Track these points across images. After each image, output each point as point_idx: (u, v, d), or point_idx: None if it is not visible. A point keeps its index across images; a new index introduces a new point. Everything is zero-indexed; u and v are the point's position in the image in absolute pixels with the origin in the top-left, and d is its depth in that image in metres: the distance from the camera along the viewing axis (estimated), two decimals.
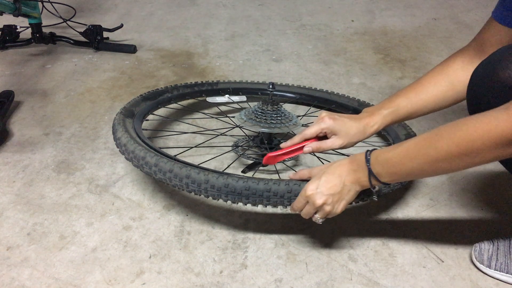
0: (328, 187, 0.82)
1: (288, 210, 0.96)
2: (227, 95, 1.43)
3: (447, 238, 1.01)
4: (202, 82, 1.47)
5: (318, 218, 0.86)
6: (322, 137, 0.94)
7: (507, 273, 0.88)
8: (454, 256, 0.97)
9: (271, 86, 1.21)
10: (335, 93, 1.49)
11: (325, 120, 0.91)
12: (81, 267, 0.95)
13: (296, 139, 0.94)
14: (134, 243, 1.01)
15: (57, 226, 1.05)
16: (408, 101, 0.94)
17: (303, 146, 0.94)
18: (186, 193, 1.15)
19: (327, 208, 0.83)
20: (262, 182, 0.87)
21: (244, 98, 1.44)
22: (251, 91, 1.51)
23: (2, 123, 1.34)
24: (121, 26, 1.92)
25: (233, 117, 1.31)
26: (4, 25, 1.89)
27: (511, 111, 0.64)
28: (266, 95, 1.48)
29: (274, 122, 1.17)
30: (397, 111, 0.94)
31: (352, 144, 0.94)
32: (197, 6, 2.34)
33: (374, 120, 0.94)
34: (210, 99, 1.42)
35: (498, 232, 1.03)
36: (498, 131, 0.64)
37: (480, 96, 0.85)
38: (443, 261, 0.96)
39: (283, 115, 1.20)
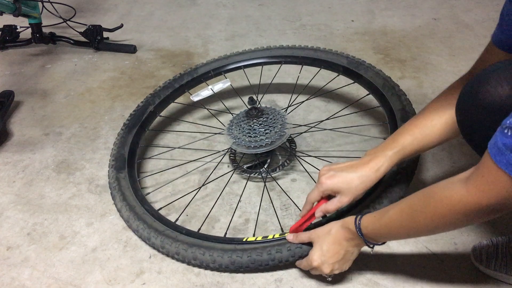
0: (332, 256, 0.84)
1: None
2: (210, 86, 1.38)
3: (447, 238, 1.01)
4: (180, 74, 1.42)
5: (327, 277, 0.88)
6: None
7: (506, 273, 0.88)
8: (454, 256, 0.97)
9: (251, 101, 1.17)
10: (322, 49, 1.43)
11: (323, 183, 0.87)
12: (81, 267, 0.95)
13: (307, 207, 0.93)
14: (134, 243, 1.01)
15: (57, 226, 1.05)
16: (413, 138, 0.87)
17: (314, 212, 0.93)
18: (185, 193, 1.16)
19: (335, 271, 0.86)
20: (265, 252, 0.89)
21: (228, 82, 1.40)
22: (231, 70, 1.46)
23: (2, 123, 1.34)
24: (121, 26, 1.92)
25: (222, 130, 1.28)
26: (4, 25, 1.89)
27: (469, 185, 0.63)
28: (249, 67, 1.45)
29: (263, 136, 1.14)
30: (402, 150, 0.87)
31: (359, 196, 0.88)
32: (197, 6, 2.34)
33: (379, 163, 0.86)
34: (194, 97, 1.37)
35: (498, 231, 1.02)
36: (461, 205, 0.64)
37: (467, 114, 0.86)
38: (443, 261, 0.96)
39: (270, 123, 1.17)
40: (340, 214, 0.93)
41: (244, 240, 0.93)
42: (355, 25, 2.09)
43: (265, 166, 1.19)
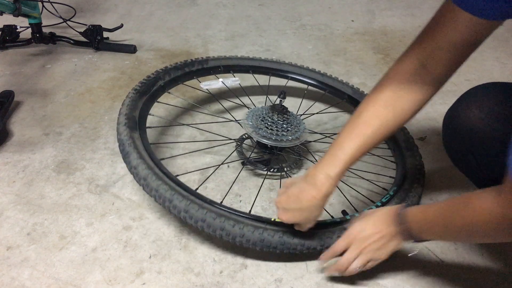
0: (374, 230, 0.83)
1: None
2: (221, 80, 1.40)
3: None
4: (191, 60, 1.43)
5: (357, 265, 0.85)
6: None
7: None
8: (454, 256, 0.97)
9: (282, 95, 1.18)
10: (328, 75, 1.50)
11: (281, 218, 0.85)
12: (81, 267, 0.95)
13: None
14: (134, 243, 1.01)
15: (57, 226, 1.05)
16: (354, 150, 0.80)
17: None
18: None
19: (369, 254, 0.84)
20: (296, 236, 0.90)
21: (237, 81, 1.43)
22: (242, 68, 1.49)
23: (2, 123, 1.34)
24: (121, 26, 1.92)
25: (240, 120, 1.29)
26: (4, 25, 1.89)
27: (500, 198, 0.62)
28: (257, 73, 1.49)
29: (284, 133, 1.15)
30: (344, 165, 0.80)
31: (318, 217, 0.86)
32: (197, 6, 2.34)
33: (322, 187, 0.81)
34: (203, 85, 1.38)
35: None
36: (491, 216, 0.64)
37: (448, 140, 0.91)
38: (443, 261, 0.96)
39: (292, 122, 1.18)
40: None
41: (272, 220, 0.92)
42: (355, 25, 2.09)
43: (282, 164, 1.21)
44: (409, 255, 0.86)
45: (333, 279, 0.92)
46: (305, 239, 0.90)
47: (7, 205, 1.11)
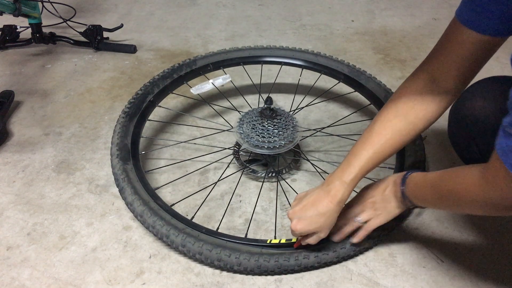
0: (378, 192, 0.90)
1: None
2: (210, 81, 1.36)
3: (447, 238, 1.01)
4: (179, 64, 1.40)
5: (361, 219, 0.90)
6: None
7: None
8: (454, 256, 0.97)
9: (268, 102, 1.16)
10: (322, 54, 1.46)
11: (295, 230, 0.85)
12: (81, 267, 0.95)
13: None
14: (134, 243, 1.01)
15: (57, 226, 1.05)
16: (368, 158, 0.84)
17: None
18: (186, 194, 1.16)
19: (371, 211, 0.90)
20: (292, 257, 0.91)
21: (228, 78, 1.39)
22: (232, 62, 1.45)
23: (2, 123, 1.34)
24: (121, 26, 1.92)
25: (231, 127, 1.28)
26: (4, 25, 1.88)
27: (483, 176, 0.65)
28: (248, 64, 1.46)
29: (277, 137, 1.14)
30: (360, 172, 0.84)
31: (333, 224, 0.86)
32: (197, 6, 2.34)
33: (338, 193, 0.83)
34: (194, 90, 1.35)
35: (498, 231, 1.02)
36: (474, 192, 0.67)
37: (453, 131, 0.94)
38: (443, 261, 0.96)
39: (283, 125, 1.16)
40: None
41: (268, 242, 0.94)
42: (355, 25, 2.09)
43: (279, 168, 1.20)
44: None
45: (333, 279, 0.92)
46: (301, 259, 0.91)
47: (7, 205, 1.11)
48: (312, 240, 0.87)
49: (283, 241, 0.94)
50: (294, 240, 0.93)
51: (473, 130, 0.87)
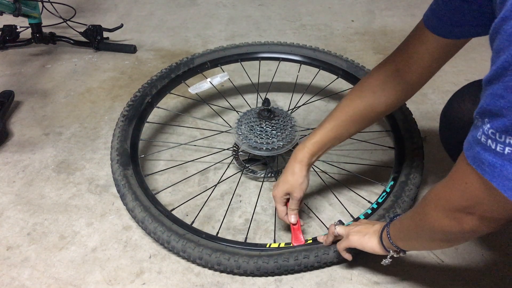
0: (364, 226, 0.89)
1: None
2: (208, 79, 1.35)
3: None
4: (176, 63, 1.39)
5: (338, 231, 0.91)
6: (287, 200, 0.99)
7: None
8: (454, 256, 0.97)
9: (265, 104, 1.15)
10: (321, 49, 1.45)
11: (275, 195, 0.97)
12: (81, 267, 0.95)
13: (284, 219, 1.00)
14: (134, 243, 1.01)
15: (57, 226, 1.05)
16: (327, 130, 0.94)
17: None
18: (186, 193, 1.16)
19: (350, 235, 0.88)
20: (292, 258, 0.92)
21: (226, 76, 1.38)
22: (230, 59, 1.44)
23: (2, 123, 1.34)
24: (121, 26, 1.92)
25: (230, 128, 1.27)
26: (4, 25, 1.88)
27: (445, 181, 0.63)
28: (246, 60, 1.45)
29: (274, 139, 1.13)
30: (320, 140, 0.94)
31: (305, 186, 0.96)
32: (197, 6, 2.34)
33: (301, 156, 0.95)
34: (191, 89, 1.34)
35: (498, 231, 1.02)
36: (442, 202, 0.63)
37: (444, 134, 0.96)
38: (443, 261, 0.96)
39: (281, 125, 1.16)
40: None
41: (267, 246, 0.95)
42: (355, 25, 2.09)
43: (279, 168, 1.20)
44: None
45: (333, 279, 0.92)
46: (300, 259, 0.91)
47: (7, 205, 1.11)
48: (292, 205, 0.96)
49: (282, 245, 0.94)
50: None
51: (463, 132, 0.85)
